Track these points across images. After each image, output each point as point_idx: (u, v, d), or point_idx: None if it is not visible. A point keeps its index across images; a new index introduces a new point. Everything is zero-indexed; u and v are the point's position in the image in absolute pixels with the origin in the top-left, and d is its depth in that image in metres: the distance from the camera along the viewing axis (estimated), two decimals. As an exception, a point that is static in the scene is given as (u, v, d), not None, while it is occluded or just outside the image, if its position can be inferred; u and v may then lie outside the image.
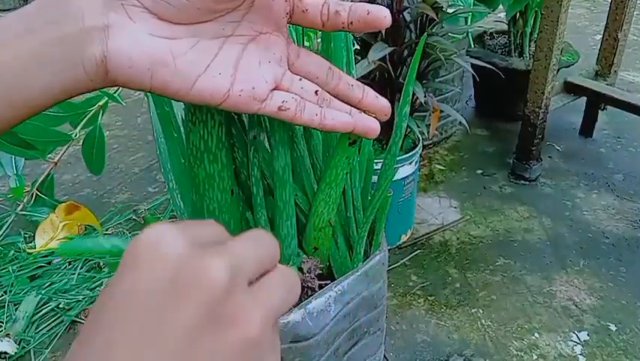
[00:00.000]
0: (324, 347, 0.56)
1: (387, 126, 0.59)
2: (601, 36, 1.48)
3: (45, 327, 0.98)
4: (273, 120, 0.45)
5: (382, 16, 0.34)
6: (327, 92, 0.38)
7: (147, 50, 0.31)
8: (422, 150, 1.27)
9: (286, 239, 0.52)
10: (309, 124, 0.37)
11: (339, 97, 0.38)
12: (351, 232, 0.59)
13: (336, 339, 0.58)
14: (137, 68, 0.31)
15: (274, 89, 0.36)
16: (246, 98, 0.34)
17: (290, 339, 0.53)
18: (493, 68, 1.16)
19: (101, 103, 1.18)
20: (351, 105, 0.39)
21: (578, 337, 0.97)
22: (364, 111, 0.39)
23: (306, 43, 1.42)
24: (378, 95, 0.40)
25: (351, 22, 0.35)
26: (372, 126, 0.39)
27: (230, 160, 0.48)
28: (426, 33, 0.93)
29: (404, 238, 1.19)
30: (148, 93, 0.46)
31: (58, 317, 1.00)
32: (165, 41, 0.32)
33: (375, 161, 0.66)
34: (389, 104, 0.40)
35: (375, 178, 0.61)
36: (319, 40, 0.52)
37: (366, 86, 0.39)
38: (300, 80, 0.37)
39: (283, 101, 0.35)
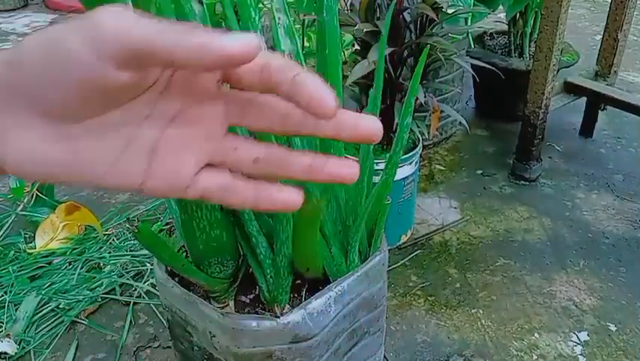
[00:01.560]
0: (324, 348, 0.56)
1: (386, 128, 0.59)
2: (601, 36, 1.48)
3: (45, 327, 0.98)
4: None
5: (324, 100, 0.28)
6: (295, 133, 0.33)
7: (39, 157, 0.28)
8: (422, 151, 1.27)
9: (287, 241, 0.52)
10: (240, 207, 0.32)
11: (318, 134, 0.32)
12: (345, 242, 0.59)
13: (336, 339, 0.58)
14: (30, 175, 0.28)
15: (204, 166, 0.31)
16: (164, 189, 0.30)
17: (290, 339, 0.53)
18: (493, 68, 1.17)
19: (101, 103, 1.18)
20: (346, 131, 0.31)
21: (578, 337, 0.97)
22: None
23: (306, 44, 1.42)
24: (372, 120, 0.31)
25: (297, 98, 0.28)
26: (342, 175, 0.31)
27: None
28: (427, 41, 0.94)
29: (404, 239, 1.19)
30: None
31: (59, 317, 1.00)
32: (60, 144, 0.28)
33: (375, 161, 0.66)
34: (381, 127, 0.33)
35: (374, 179, 0.61)
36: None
37: (356, 115, 0.32)
38: (236, 149, 0.31)
39: (205, 189, 0.31)
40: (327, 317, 0.54)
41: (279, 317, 0.52)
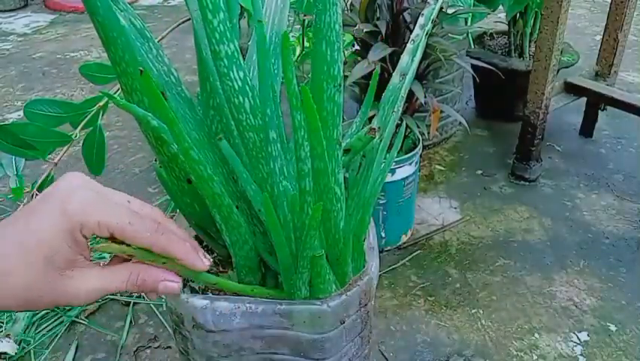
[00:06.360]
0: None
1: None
2: (601, 36, 1.48)
3: (45, 327, 0.98)
4: None
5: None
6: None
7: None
8: (422, 151, 1.27)
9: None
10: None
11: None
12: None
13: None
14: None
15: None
16: None
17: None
18: (493, 68, 1.17)
19: (101, 103, 1.18)
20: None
21: (578, 337, 0.97)
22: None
23: (306, 44, 1.42)
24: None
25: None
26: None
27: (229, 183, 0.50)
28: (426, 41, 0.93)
29: (404, 239, 1.19)
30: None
31: (58, 317, 1.00)
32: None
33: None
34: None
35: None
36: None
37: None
38: None
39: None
40: (229, 324, 0.49)
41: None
